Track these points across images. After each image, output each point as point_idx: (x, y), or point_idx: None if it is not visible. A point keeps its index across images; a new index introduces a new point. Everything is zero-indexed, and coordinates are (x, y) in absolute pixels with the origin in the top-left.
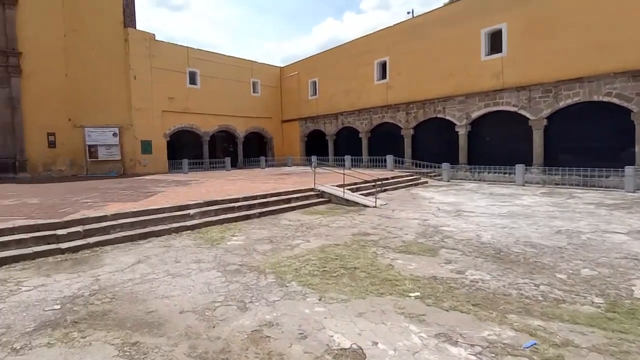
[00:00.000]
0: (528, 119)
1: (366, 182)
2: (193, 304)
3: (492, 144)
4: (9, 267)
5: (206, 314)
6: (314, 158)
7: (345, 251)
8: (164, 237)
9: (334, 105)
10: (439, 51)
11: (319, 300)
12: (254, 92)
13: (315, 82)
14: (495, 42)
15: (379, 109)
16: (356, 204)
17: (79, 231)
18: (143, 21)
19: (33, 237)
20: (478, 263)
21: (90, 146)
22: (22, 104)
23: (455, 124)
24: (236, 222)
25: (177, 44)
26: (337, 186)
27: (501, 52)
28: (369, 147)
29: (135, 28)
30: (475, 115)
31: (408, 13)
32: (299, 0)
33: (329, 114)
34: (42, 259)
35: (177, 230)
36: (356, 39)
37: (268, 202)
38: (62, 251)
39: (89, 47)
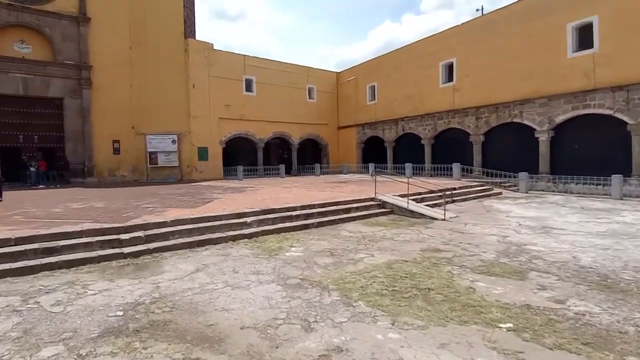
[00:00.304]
0: (626, 122)
1: (432, 192)
2: (254, 320)
3: (581, 152)
4: (77, 269)
5: (268, 332)
6: (371, 165)
7: (415, 269)
8: (221, 245)
9: (394, 110)
10: (514, 50)
11: (392, 324)
12: (309, 98)
13: (373, 87)
14: (584, 37)
15: (444, 114)
16: (422, 215)
17: (140, 236)
18: (202, 32)
19: (99, 240)
20: (580, 291)
21: (150, 153)
22: (92, 114)
23: (535, 130)
24: (294, 231)
25: (233, 53)
26: (399, 196)
27: (592, 47)
28: (432, 154)
29: (195, 39)
30: (559, 119)
31: (477, 10)
32: (353, 6)
33: (388, 119)
34: (106, 262)
35: (234, 238)
36: (419, 41)
37: (326, 211)
38: (124, 256)
39: (151, 58)
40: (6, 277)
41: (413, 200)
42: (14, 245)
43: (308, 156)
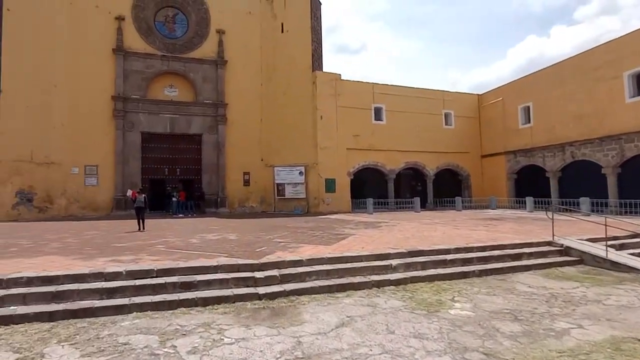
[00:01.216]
0: None
1: (636, 235)
2: None
3: None
4: (212, 308)
5: None
6: (529, 200)
7: None
8: (364, 291)
9: (557, 133)
10: None
11: None
12: (446, 124)
13: (527, 108)
14: None
15: (634, 135)
16: (631, 269)
17: (275, 276)
18: (325, 66)
19: (233, 277)
20: None
21: (278, 184)
22: (225, 147)
23: None
24: (450, 280)
25: (361, 81)
26: (587, 240)
27: None
28: (618, 186)
29: (322, 71)
30: None
31: None
32: (485, 25)
33: (550, 145)
34: (241, 303)
35: (379, 284)
36: (591, 49)
37: (489, 256)
38: (259, 297)
39: (280, 92)
40: (147, 310)
41: (611, 246)
42: (156, 277)
43: (445, 188)
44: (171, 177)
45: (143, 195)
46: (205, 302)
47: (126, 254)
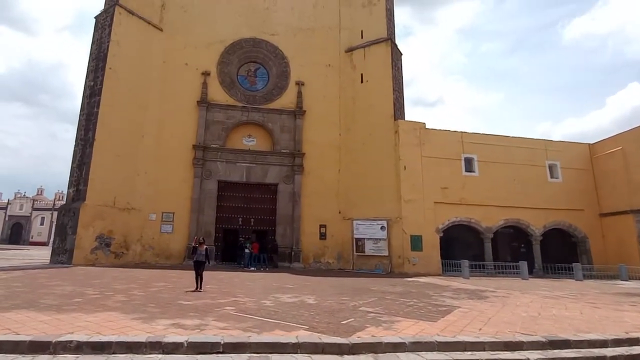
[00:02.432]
0: None
1: None
2: None
3: None
4: None
5: None
6: None
7: None
8: None
9: None
10: None
11: None
12: (552, 177)
13: None
14: None
15: None
16: None
17: None
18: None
19: None
20: None
21: (357, 239)
22: (301, 198)
23: None
24: None
25: (448, 130)
26: None
27: None
28: None
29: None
30: None
31: None
32: (577, 74)
33: None
34: None
35: None
36: None
37: None
38: None
39: (359, 142)
40: None
41: None
42: (222, 352)
43: (554, 252)
44: (245, 227)
45: (205, 247)
46: None
47: (190, 315)
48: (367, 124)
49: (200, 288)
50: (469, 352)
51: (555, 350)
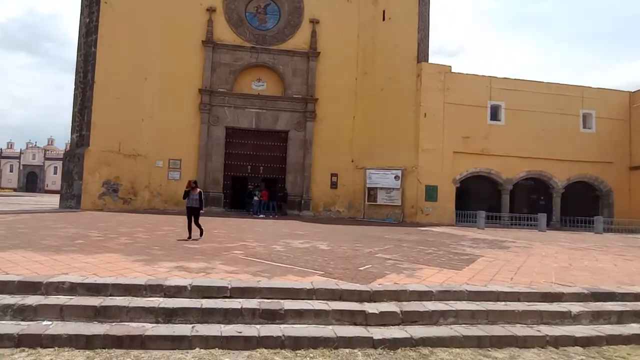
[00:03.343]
0: None
1: None
2: None
3: None
4: (305, 354)
5: None
6: None
7: None
8: (533, 351)
9: None
10: None
11: None
12: (584, 127)
13: None
14: None
15: None
16: None
17: (395, 312)
18: None
19: (335, 310)
20: None
21: (370, 189)
22: (313, 146)
23: None
24: None
25: (476, 75)
26: None
27: None
28: None
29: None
30: None
31: None
32: (608, 22)
33: None
34: (347, 350)
35: (557, 342)
36: None
37: None
38: (373, 343)
39: (377, 87)
40: (213, 346)
41: None
42: (229, 297)
43: (574, 205)
44: (254, 175)
45: (199, 190)
46: (296, 344)
47: (196, 259)
48: (386, 67)
49: (200, 235)
50: (502, 303)
51: (598, 303)
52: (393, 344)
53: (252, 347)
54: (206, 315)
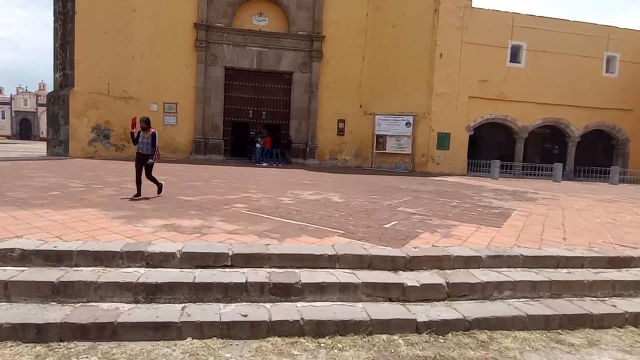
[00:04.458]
0: None
1: None
2: None
3: None
4: (333, 345)
5: None
6: None
7: None
8: (612, 332)
9: None
10: None
11: None
12: (607, 72)
13: None
14: None
15: None
16: None
17: (439, 284)
18: None
19: (365, 283)
20: None
21: (378, 136)
22: (319, 89)
23: None
24: None
25: (498, 10)
26: None
27: None
28: None
29: None
30: None
31: None
32: None
33: None
34: (385, 337)
35: (636, 320)
36: None
37: None
38: (417, 327)
39: (389, 25)
40: (210, 336)
41: None
42: (230, 266)
43: (587, 154)
44: (255, 121)
45: (153, 131)
46: (317, 330)
47: (190, 214)
48: (400, 1)
49: (159, 192)
50: (565, 270)
51: None
52: (442, 327)
53: (262, 335)
54: (200, 292)
